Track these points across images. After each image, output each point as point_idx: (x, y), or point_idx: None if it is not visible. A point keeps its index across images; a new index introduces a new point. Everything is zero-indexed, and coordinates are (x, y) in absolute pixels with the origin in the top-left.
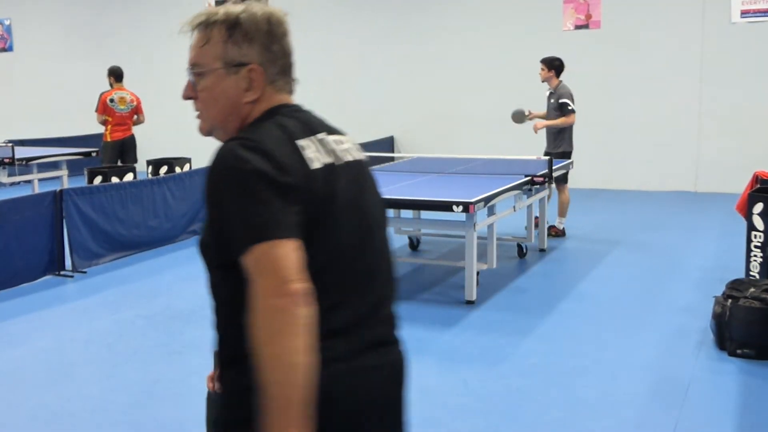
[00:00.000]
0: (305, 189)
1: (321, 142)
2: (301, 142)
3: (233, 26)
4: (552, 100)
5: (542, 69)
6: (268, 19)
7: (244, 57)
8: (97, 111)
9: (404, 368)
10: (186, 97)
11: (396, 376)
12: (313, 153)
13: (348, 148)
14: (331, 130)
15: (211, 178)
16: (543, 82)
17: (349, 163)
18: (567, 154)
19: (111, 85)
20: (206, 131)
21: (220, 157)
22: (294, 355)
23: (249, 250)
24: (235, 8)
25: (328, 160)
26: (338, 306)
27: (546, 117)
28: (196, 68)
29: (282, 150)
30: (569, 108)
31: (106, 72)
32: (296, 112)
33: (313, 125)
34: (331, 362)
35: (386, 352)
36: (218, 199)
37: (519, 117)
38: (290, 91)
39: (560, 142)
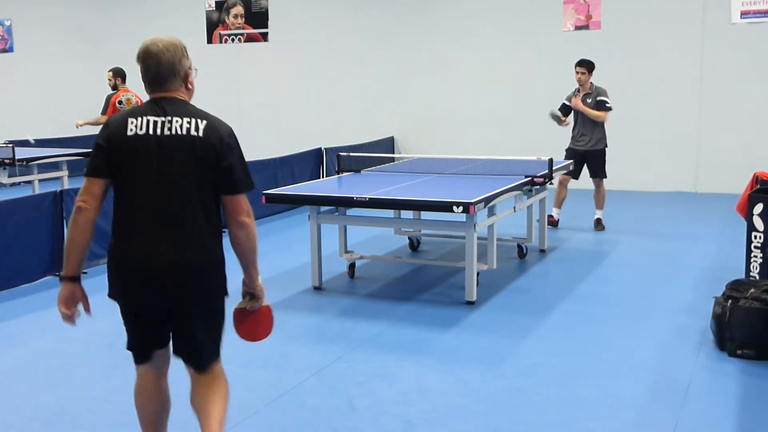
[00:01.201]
0: (114, 146)
1: (146, 120)
2: (131, 119)
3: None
4: (589, 100)
5: (583, 72)
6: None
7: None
8: (105, 113)
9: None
10: None
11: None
12: (129, 126)
13: (177, 127)
14: (170, 113)
15: None
16: (581, 84)
17: (164, 136)
18: (605, 151)
19: (116, 86)
20: None
21: None
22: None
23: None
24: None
25: (142, 132)
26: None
27: (580, 118)
28: None
29: (116, 122)
30: (607, 105)
31: (107, 72)
32: (152, 102)
33: (145, 109)
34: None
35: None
36: None
37: (556, 119)
38: (157, 91)
39: (601, 140)
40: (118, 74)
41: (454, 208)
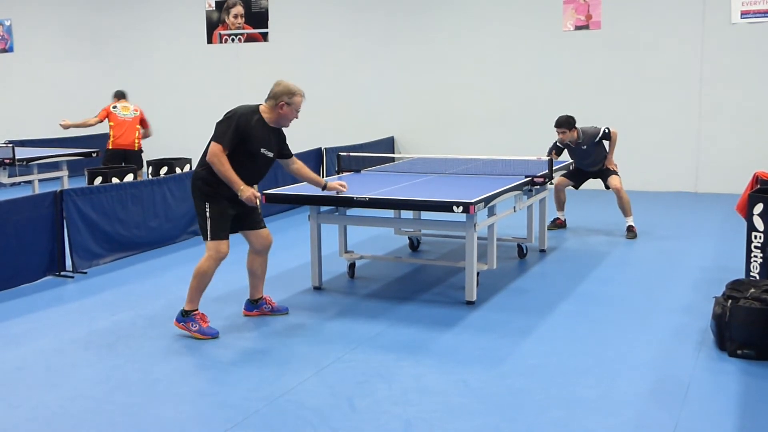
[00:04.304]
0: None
1: None
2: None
3: None
4: (584, 147)
5: (563, 132)
6: None
7: None
8: (97, 115)
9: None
10: None
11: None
12: None
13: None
14: None
15: None
16: (567, 141)
17: None
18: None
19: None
20: None
21: None
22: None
23: None
24: None
25: None
26: None
27: (589, 160)
28: None
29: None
30: (607, 132)
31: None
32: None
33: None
34: None
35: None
36: None
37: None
38: (265, 101)
39: (606, 156)
40: (116, 95)
41: (454, 208)
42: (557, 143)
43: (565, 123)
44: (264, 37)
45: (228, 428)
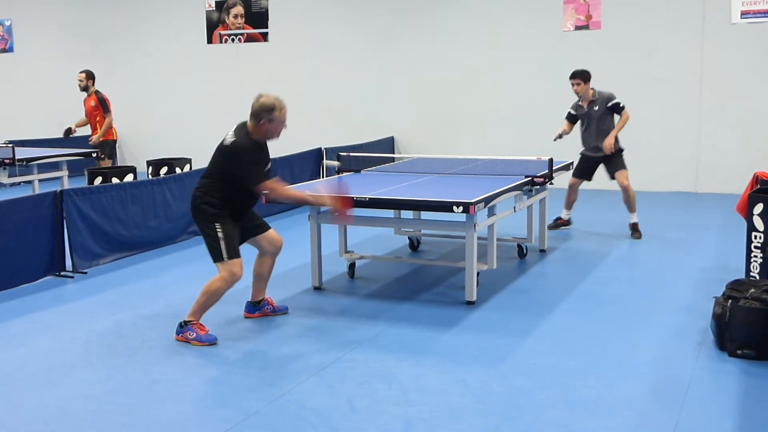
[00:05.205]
0: None
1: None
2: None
3: None
4: (596, 108)
5: (577, 83)
6: None
7: None
8: (108, 111)
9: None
10: None
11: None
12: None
13: (226, 136)
14: (234, 129)
15: None
16: (579, 96)
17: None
18: (622, 150)
19: (87, 87)
20: None
21: None
22: None
23: None
24: None
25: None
26: None
27: (595, 128)
28: None
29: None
30: (621, 105)
31: (80, 73)
32: (241, 122)
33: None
34: None
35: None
36: None
37: (560, 137)
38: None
39: (616, 141)
40: (91, 77)
41: (454, 208)
42: (571, 111)
43: (580, 74)
44: (264, 37)
45: (228, 428)
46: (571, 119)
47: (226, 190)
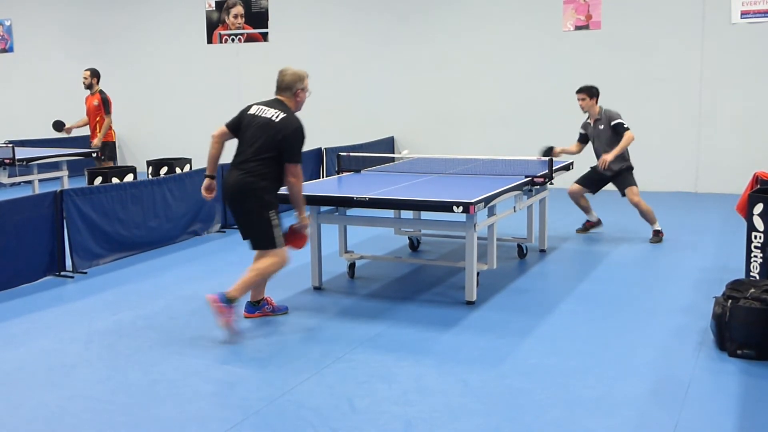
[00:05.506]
0: (241, 114)
1: (257, 108)
2: (252, 106)
3: None
4: (602, 126)
5: (582, 98)
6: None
7: None
8: (109, 113)
9: (236, 183)
10: None
11: (231, 184)
12: (253, 108)
13: (267, 114)
14: (267, 106)
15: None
16: (585, 112)
17: (258, 116)
18: (631, 168)
19: (91, 85)
20: None
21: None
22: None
23: None
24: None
25: (252, 112)
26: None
27: (601, 146)
28: None
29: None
30: (625, 127)
31: (85, 71)
32: (270, 99)
33: (262, 103)
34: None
35: (234, 171)
36: None
37: (547, 153)
38: (276, 93)
39: (623, 160)
40: (95, 75)
41: (454, 208)
42: (581, 130)
43: (586, 90)
44: (264, 37)
45: (228, 428)
46: (583, 139)
47: (277, 173)
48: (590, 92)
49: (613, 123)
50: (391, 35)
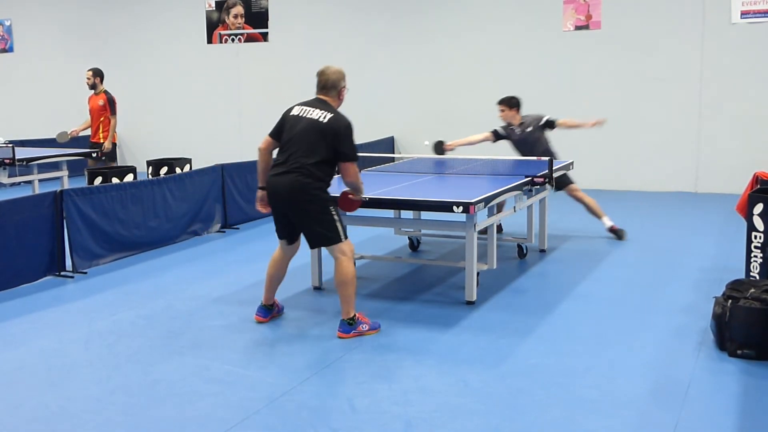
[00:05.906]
0: (283, 118)
1: (300, 108)
2: (294, 107)
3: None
4: (530, 128)
5: (503, 110)
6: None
7: None
8: (114, 113)
9: (290, 185)
10: None
11: (284, 186)
12: (295, 110)
13: (313, 114)
14: (311, 106)
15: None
16: (506, 121)
17: (303, 117)
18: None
19: (95, 85)
20: None
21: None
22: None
23: None
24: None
25: (295, 113)
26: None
27: (529, 149)
28: None
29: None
30: (553, 119)
31: (87, 71)
32: (312, 100)
33: (304, 103)
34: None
35: (285, 174)
36: None
37: (438, 148)
38: (318, 92)
39: (545, 152)
40: (99, 75)
41: (454, 208)
42: (498, 129)
43: (506, 101)
44: (264, 37)
45: (228, 428)
46: (496, 136)
47: (330, 172)
48: (509, 103)
49: (543, 121)
50: (390, 35)
